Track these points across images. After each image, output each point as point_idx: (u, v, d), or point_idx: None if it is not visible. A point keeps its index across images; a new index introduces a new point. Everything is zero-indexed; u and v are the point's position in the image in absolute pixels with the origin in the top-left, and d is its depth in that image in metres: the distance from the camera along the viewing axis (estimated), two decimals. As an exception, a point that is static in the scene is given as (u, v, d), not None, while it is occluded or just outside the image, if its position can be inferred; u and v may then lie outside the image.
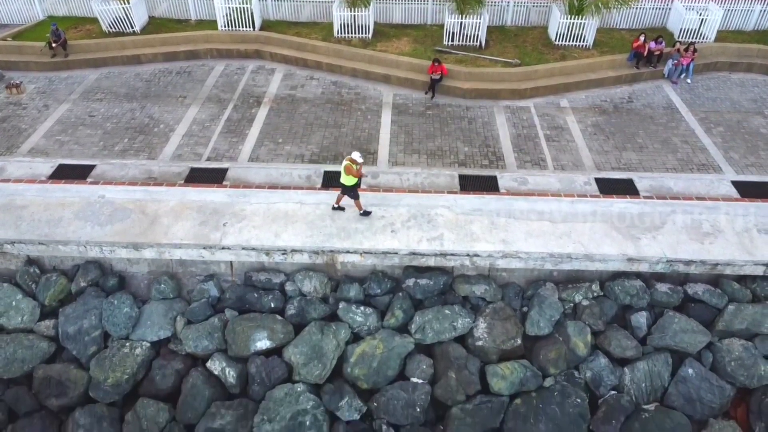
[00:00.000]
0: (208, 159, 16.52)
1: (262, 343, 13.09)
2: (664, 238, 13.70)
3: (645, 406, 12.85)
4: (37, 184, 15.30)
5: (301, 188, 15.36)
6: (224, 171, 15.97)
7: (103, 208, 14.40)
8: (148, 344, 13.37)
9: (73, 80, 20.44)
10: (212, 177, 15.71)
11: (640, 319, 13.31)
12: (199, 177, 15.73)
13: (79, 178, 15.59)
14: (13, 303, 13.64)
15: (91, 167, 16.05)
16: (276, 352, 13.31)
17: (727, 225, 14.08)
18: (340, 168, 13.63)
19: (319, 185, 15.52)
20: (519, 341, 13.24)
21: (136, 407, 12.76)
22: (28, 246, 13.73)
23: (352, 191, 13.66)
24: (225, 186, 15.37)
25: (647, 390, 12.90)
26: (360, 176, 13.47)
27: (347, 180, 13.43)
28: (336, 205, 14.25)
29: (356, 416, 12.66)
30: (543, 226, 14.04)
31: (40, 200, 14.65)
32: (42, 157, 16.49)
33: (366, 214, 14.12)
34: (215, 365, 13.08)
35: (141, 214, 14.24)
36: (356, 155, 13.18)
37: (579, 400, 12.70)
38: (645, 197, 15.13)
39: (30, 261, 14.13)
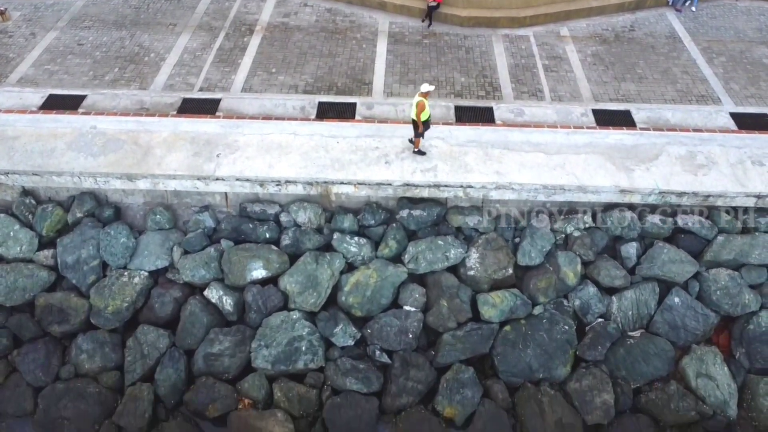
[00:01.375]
0: (201, 89, 16.27)
1: (258, 273, 13.33)
2: (657, 170, 13.71)
3: (631, 333, 13.25)
4: (28, 115, 15.13)
5: (295, 119, 15.22)
6: (217, 101, 15.76)
7: (95, 138, 14.32)
8: (146, 273, 13.61)
9: (60, 7, 19.81)
10: (205, 108, 15.53)
11: (630, 249, 13.51)
12: (191, 108, 15.54)
13: (71, 109, 15.40)
14: (11, 233, 13.78)
15: (82, 97, 15.83)
16: (271, 281, 13.58)
17: (721, 157, 14.05)
18: (412, 103, 13.12)
19: (313, 116, 15.37)
20: (510, 271, 13.48)
21: (137, 333, 13.15)
22: (22, 177, 13.74)
23: (425, 126, 13.34)
24: (218, 117, 15.22)
25: (633, 318, 13.25)
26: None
27: (423, 115, 13.03)
28: (416, 150, 13.94)
29: (350, 342, 13.06)
30: (537, 157, 14.01)
31: (32, 131, 14.53)
32: (31, 87, 16.23)
33: (421, 153, 13.93)
34: (212, 294, 13.37)
35: (134, 144, 14.17)
36: (426, 85, 12.88)
37: (567, 327, 13.08)
38: (641, 129, 15.02)
39: (25, 192, 14.18)
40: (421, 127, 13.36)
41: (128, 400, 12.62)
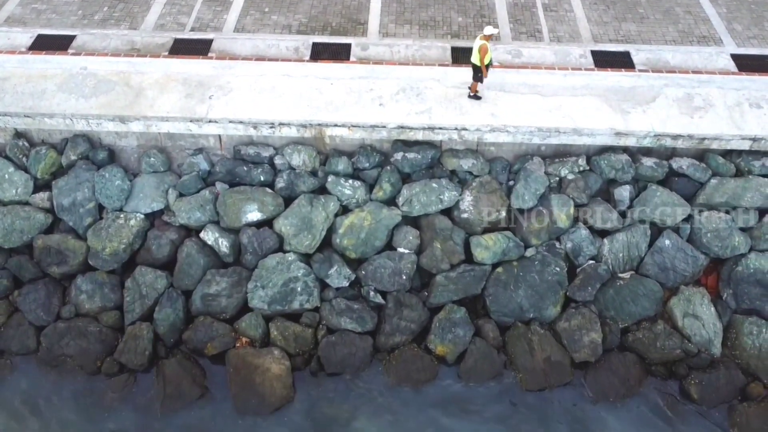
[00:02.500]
0: (192, 29, 15.93)
1: (253, 215, 13.43)
2: (654, 112, 13.61)
3: (620, 275, 13.45)
4: (17, 55, 14.89)
5: (289, 60, 14.99)
6: (209, 42, 15.47)
7: (86, 80, 14.14)
8: (142, 216, 13.71)
9: (45, -58, 19.14)
10: (197, 48, 15.26)
11: (624, 192, 13.55)
12: (183, 48, 15.27)
13: (60, 49, 15.14)
14: (6, 176, 13.81)
15: (72, 38, 15.52)
16: (267, 223, 13.69)
17: (719, 99, 13.91)
18: (473, 47, 12.96)
19: (307, 57, 15.13)
20: (503, 214, 13.57)
21: (135, 275, 13.36)
22: (14, 119, 13.65)
23: (483, 72, 13.18)
24: (210, 58, 14.99)
25: (624, 260, 13.43)
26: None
27: (486, 59, 12.88)
28: (472, 94, 13.76)
29: (345, 283, 13.29)
30: (533, 99, 13.88)
31: (22, 72, 14.34)
32: (20, 27, 15.89)
33: (476, 98, 13.73)
34: (208, 236, 13.51)
35: (125, 86, 14.01)
36: (489, 28, 12.77)
37: (558, 269, 13.28)
38: (640, 70, 14.82)
39: (18, 134, 14.11)
40: (485, 72, 13.16)
41: (129, 339, 12.97)
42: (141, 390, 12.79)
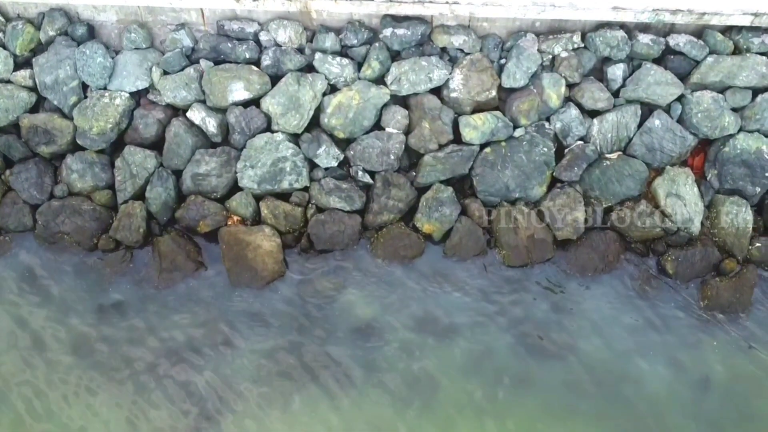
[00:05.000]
0: None
1: (239, 94, 13.23)
2: (654, -15, 13.00)
3: (608, 155, 13.51)
4: None
5: (272, -73, 14.05)
6: None
7: (57, -52, 13.36)
8: (128, 94, 13.50)
9: None
10: None
11: (617, 71, 13.27)
12: None
13: None
14: (-16, 53, 13.46)
15: None
16: (254, 103, 13.54)
17: (724, -30, 13.23)
18: None
19: (291, -77, 14.17)
20: (494, 93, 13.38)
21: (124, 154, 13.41)
22: (-15, -9, 13.08)
23: None
24: (188, -77, 14.03)
25: (612, 140, 13.44)
26: None
27: None
28: None
29: (334, 163, 13.38)
30: (529, -29, 13.20)
31: (-12, -61, 13.50)
32: None
33: None
34: (195, 115, 13.40)
35: (99, -45, 13.26)
36: None
37: (546, 149, 13.33)
38: (645, -61, 13.94)
39: (-8, 8, 13.58)
40: None
41: (123, 217, 13.28)
42: (138, 265, 13.32)
